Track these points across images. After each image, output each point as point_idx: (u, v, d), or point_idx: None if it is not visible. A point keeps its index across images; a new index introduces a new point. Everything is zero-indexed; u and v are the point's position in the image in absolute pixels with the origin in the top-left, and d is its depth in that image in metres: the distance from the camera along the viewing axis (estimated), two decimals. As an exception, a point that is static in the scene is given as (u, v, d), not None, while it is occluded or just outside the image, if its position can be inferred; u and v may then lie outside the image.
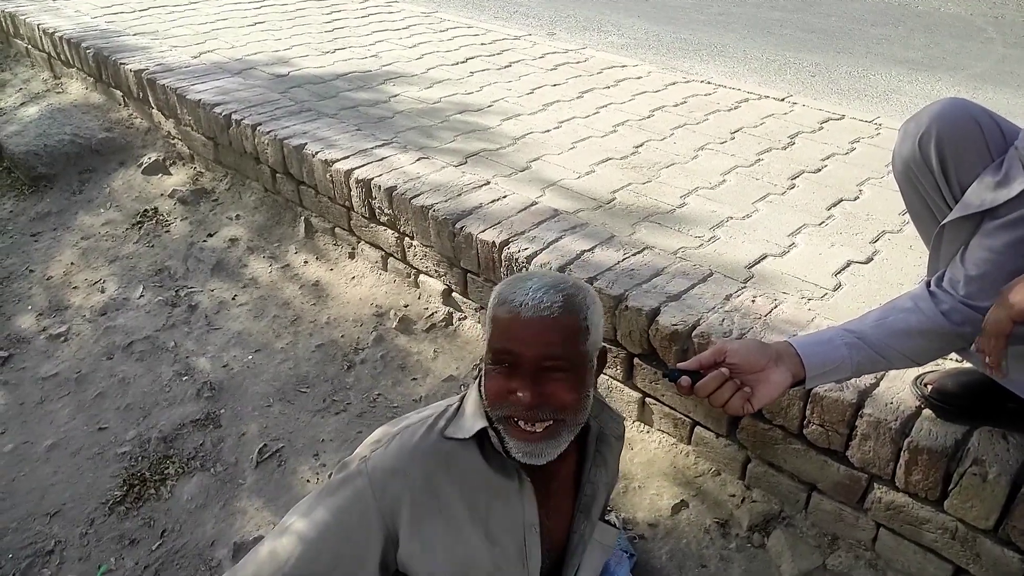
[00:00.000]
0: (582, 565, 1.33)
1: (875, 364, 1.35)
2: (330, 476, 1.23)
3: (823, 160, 2.76)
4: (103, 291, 2.90)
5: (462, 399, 1.26)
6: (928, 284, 1.39)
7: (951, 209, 1.36)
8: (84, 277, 3.01)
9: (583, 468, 1.31)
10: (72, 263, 3.10)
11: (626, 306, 1.94)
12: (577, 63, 3.85)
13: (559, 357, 1.07)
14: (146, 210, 3.27)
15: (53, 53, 4.32)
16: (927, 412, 1.58)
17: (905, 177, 1.44)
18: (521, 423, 1.09)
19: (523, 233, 2.26)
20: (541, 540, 1.24)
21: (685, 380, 1.21)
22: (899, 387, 1.64)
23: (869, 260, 2.14)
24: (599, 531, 1.35)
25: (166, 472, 2.18)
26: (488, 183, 2.57)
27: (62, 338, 2.72)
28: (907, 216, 2.40)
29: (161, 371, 2.51)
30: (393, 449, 1.18)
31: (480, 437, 1.18)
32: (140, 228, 3.19)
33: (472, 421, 1.18)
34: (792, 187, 2.56)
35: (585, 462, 1.31)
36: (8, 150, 3.61)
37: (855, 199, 2.49)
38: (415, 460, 1.16)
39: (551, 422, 1.09)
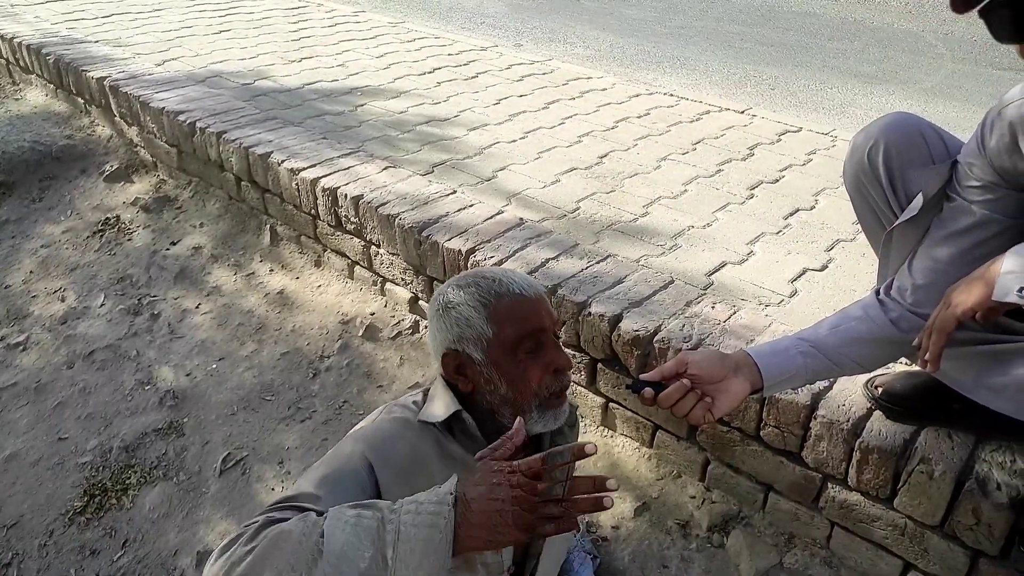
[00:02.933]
0: (543, 552, 1.37)
1: (829, 371, 1.41)
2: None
3: (781, 171, 2.84)
4: (63, 300, 2.86)
5: (425, 392, 1.31)
6: (878, 292, 1.45)
7: (896, 218, 1.42)
8: (44, 286, 2.97)
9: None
10: (31, 271, 3.05)
11: (589, 312, 1.98)
12: (543, 74, 3.91)
13: (560, 323, 1.16)
14: (108, 218, 3.23)
15: (12, 59, 4.25)
16: (877, 414, 1.64)
17: (855, 187, 1.50)
18: (554, 395, 1.19)
19: (489, 241, 2.29)
20: None
21: (648, 392, 1.26)
22: (851, 390, 1.70)
23: (824, 267, 2.21)
24: None
25: (128, 482, 2.16)
26: (454, 192, 2.59)
27: (21, 347, 2.68)
28: (859, 225, 2.50)
29: (123, 380, 2.49)
30: (380, 423, 1.23)
31: (449, 426, 1.22)
32: (101, 236, 3.15)
33: (444, 407, 1.22)
34: (751, 197, 2.63)
35: (541, 450, 1.36)
36: (-35, 158, 3.54)
37: (811, 208, 2.57)
38: (401, 433, 1.20)
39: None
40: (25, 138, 3.60)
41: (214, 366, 2.49)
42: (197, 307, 2.75)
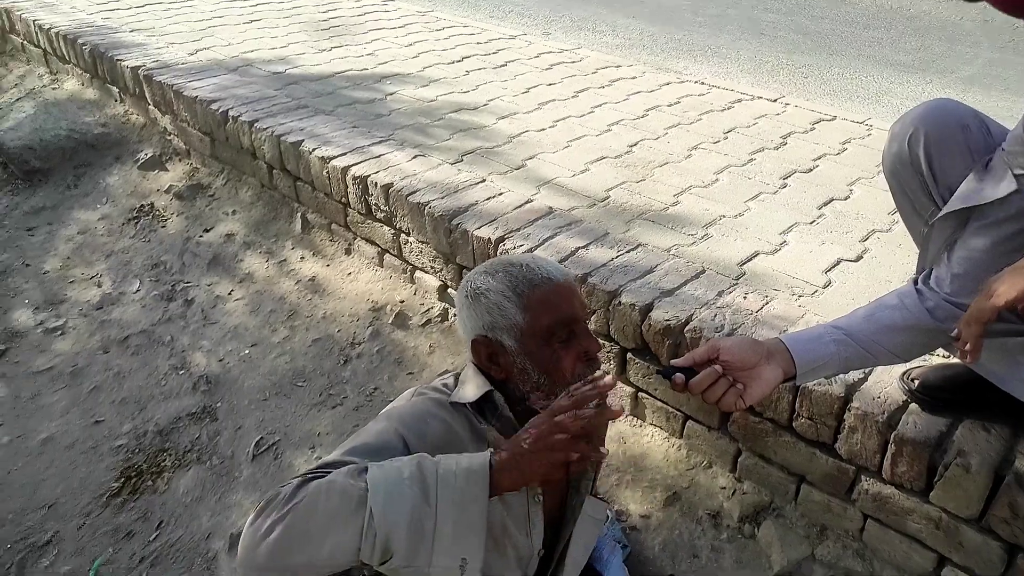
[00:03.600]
0: (573, 537, 1.37)
1: (863, 360, 1.38)
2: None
3: (815, 160, 2.80)
4: (99, 285, 2.92)
5: (456, 375, 1.31)
6: (915, 282, 1.43)
7: (938, 208, 1.40)
8: (80, 272, 3.02)
9: None
10: (68, 257, 3.11)
11: (619, 302, 1.97)
12: (572, 63, 3.88)
13: (589, 310, 1.17)
14: (142, 205, 3.28)
15: (49, 49, 4.32)
16: (913, 406, 1.62)
17: (894, 177, 1.47)
18: None
19: (518, 230, 2.29)
20: (545, 513, 1.28)
21: (679, 377, 1.25)
22: (886, 381, 1.68)
23: (859, 258, 2.18)
24: (589, 505, 1.39)
25: (162, 465, 2.19)
26: (484, 180, 2.59)
27: (58, 332, 2.73)
28: (897, 215, 2.44)
29: (157, 365, 2.53)
30: (415, 403, 1.23)
31: (480, 408, 1.22)
32: (136, 223, 3.20)
33: (475, 389, 1.22)
34: (784, 186, 2.60)
35: None
36: (3, 145, 3.61)
37: (846, 198, 2.53)
38: (435, 413, 1.20)
39: None
40: (61, 126, 3.66)
41: (246, 352, 2.52)
42: (230, 293, 2.78)
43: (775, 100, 3.42)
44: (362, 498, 0.93)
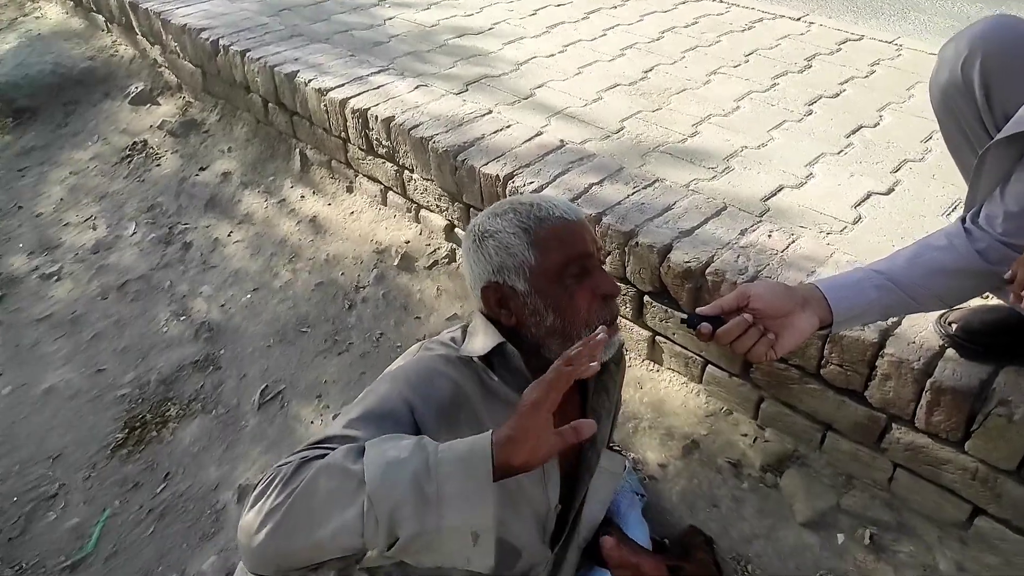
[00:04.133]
0: (590, 491, 1.31)
1: (905, 306, 1.28)
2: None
3: (841, 84, 2.63)
4: (94, 228, 2.82)
5: (464, 327, 1.23)
6: (963, 220, 1.31)
7: (991, 139, 1.26)
8: (74, 214, 2.92)
9: (586, 396, 1.29)
10: (61, 199, 3.01)
11: (636, 242, 1.86)
12: (581, -19, 3.65)
13: (602, 249, 1.09)
14: (135, 143, 3.15)
15: (29, -24, 4.10)
16: (951, 352, 1.52)
17: (943, 106, 1.33)
18: (605, 323, 1.11)
19: (528, 166, 2.16)
20: (561, 468, 1.22)
21: (706, 327, 1.14)
22: (922, 325, 1.58)
23: (890, 191, 2.05)
24: (606, 458, 1.33)
25: (167, 415, 2.14)
26: (490, 112, 2.45)
27: (54, 278, 2.65)
28: (929, 143, 2.31)
29: (157, 312, 2.45)
30: (419, 358, 1.16)
31: (490, 361, 1.15)
32: (129, 162, 3.07)
33: (485, 341, 1.14)
34: (809, 113, 2.44)
35: (587, 389, 1.29)
36: (-13, 81, 3.46)
37: (875, 125, 2.37)
38: (442, 370, 1.12)
39: None
40: (46, 60, 3.49)
41: (248, 297, 2.44)
42: (229, 235, 2.68)
43: (798, 19, 3.21)
44: (361, 480, 0.86)
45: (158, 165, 3.02)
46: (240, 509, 1.89)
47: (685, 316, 1.17)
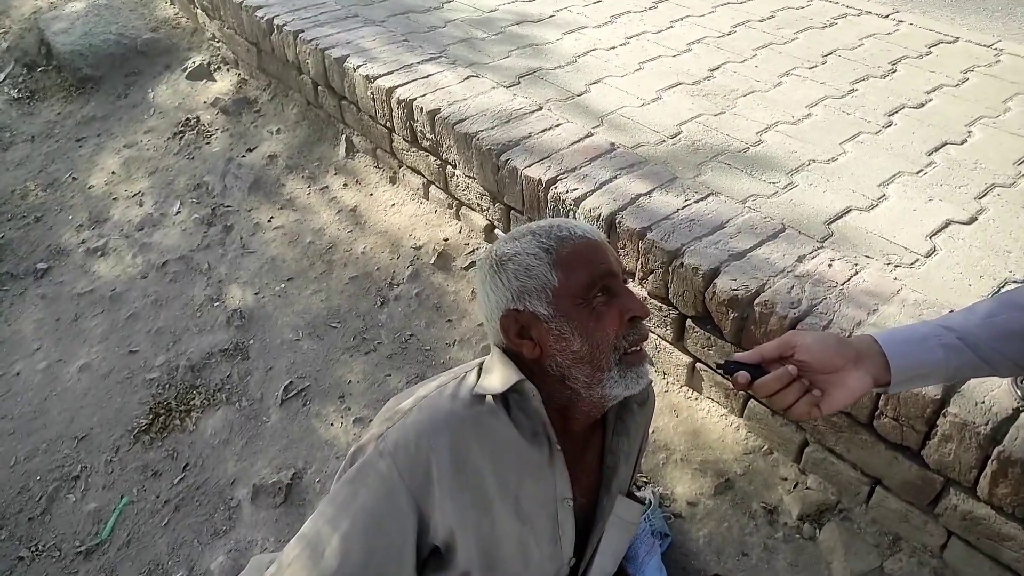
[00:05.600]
0: (601, 543, 1.21)
1: (976, 370, 1.11)
2: (341, 471, 1.09)
3: (928, 93, 2.40)
4: (141, 205, 2.82)
5: (480, 364, 1.13)
6: (1054, 277, 1.13)
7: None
8: (124, 188, 2.93)
9: (606, 439, 1.19)
10: (113, 172, 3.03)
11: (681, 263, 1.72)
12: (654, -33, 3.46)
13: (627, 270, 0.99)
14: (188, 119, 3.14)
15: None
16: (1026, 417, 1.35)
17: None
18: (632, 348, 1.03)
19: (574, 170, 2.03)
20: (575, 517, 1.13)
21: (743, 376, 1.01)
22: (994, 383, 1.41)
23: (972, 220, 1.85)
24: (621, 506, 1.22)
25: (192, 403, 2.12)
26: (540, 109, 2.32)
27: (99, 253, 2.67)
28: (1022, 167, 2.08)
29: (193, 294, 2.44)
30: (413, 420, 1.05)
31: (507, 404, 1.05)
32: (181, 139, 3.07)
33: (503, 378, 1.04)
34: (889, 125, 2.23)
35: (606, 430, 1.18)
36: (55, 49, 3.50)
37: (962, 143, 2.15)
38: (439, 429, 1.03)
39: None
40: (111, 30, 3.52)
41: (282, 286, 2.40)
42: (269, 220, 2.64)
43: (887, 16, 2.96)
44: None
45: (208, 143, 3.01)
46: (253, 508, 1.86)
47: (722, 362, 1.04)
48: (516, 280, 1.03)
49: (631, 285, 1.78)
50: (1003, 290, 1.62)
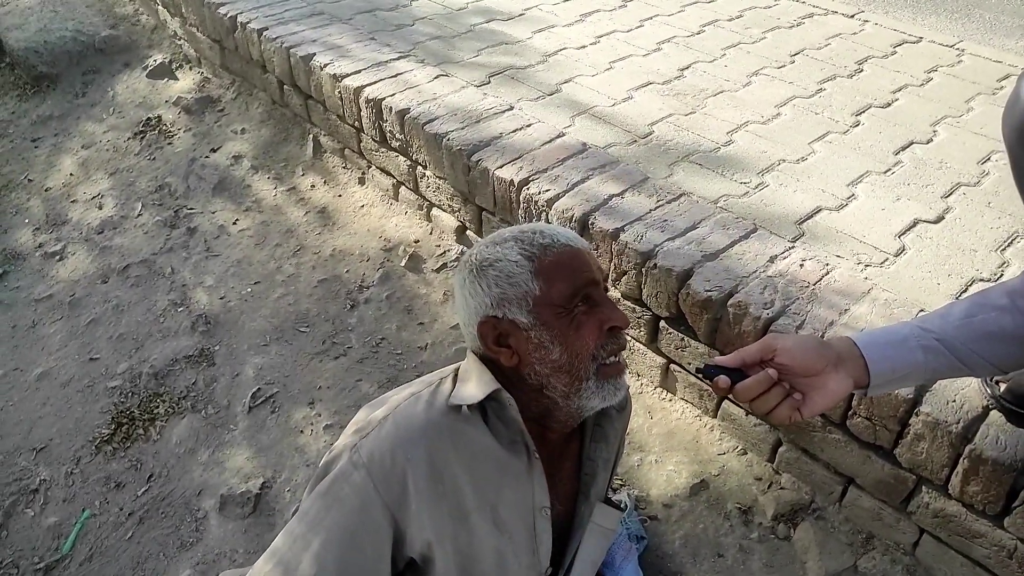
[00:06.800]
0: (579, 551, 1.19)
1: (954, 371, 1.11)
2: (312, 483, 1.06)
3: (894, 92, 2.43)
4: (101, 207, 2.74)
5: (456, 370, 1.10)
6: (1030, 275, 1.14)
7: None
8: (83, 190, 2.85)
9: (584, 446, 1.18)
10: (71, 174, 2.94)
11: (655, 264, 1.71)
12: (622, -35, 3.46)
13: (607, 278, 0.97)
14: (149, 118, 3.06)
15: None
16: (996, 415, 1.37)
17: (1021, 141, 1.15)
18: (611, 358, 1.02)
19: (546, 171, 2.02)
20: (552, 524, 1.11)
21: (723, 380, 1.00)
22: (964, 383, 1.42)
23: (940, 219, 1.87)
24: (599, 513, 1.20)
25: (156, 412, 2.06)
26: (512, 108, 2.30)
27: (57, 257, 2.59)
28: (986, 165, 2.11)
29: (156, 299, 2.37)
30: (388, 430, 1.02)
31: (483, 412, 1.03)
32: (142, 138, 2.99)
33: (479, 387, 1.02)
34: (856, 124, 2.25)
35: (584, 436, 1.17)
36: (8, 45, 3.39)
37: (928, 142, 2.18)
38: (415, 440, 1.00)
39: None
40: (68, 27, 3.41)
41: (249, 290, 2.34)
42: (235, 223, 2.58)
43: (852, 16, 3.00)
44: None
45: (170, 143, 2.93)
46: (221, 519, 1.81)
47: (702, 366, 1.03)
48: (496, 287, 1.00)
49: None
50: (971, 289, 1.64)
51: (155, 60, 3.29)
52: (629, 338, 1.89)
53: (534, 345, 1.00)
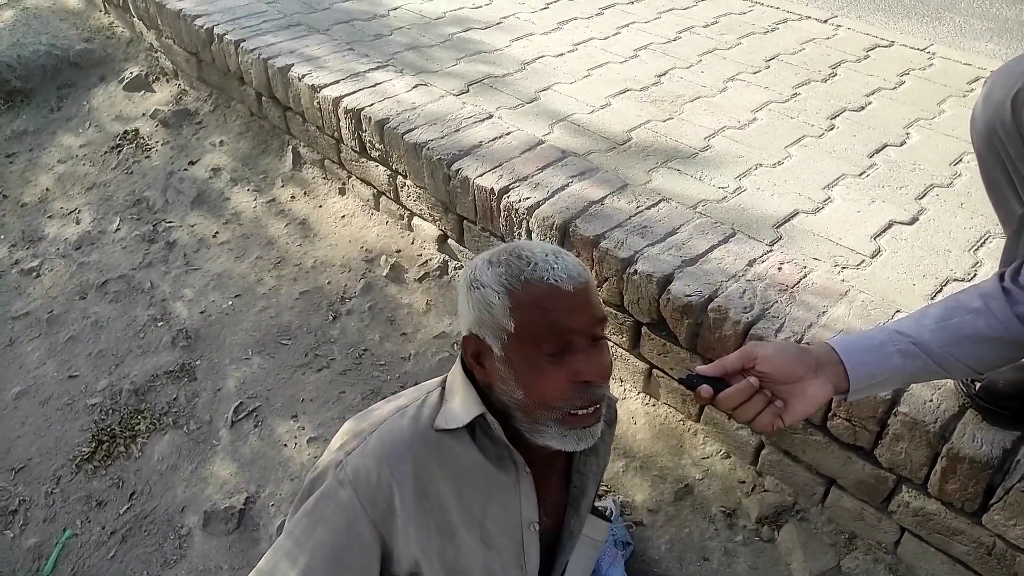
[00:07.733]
0: (569, 564, 1.19)
1: (931, 374, 1.12)
2: (298, 499, 1.05)
3: (867, 96, 2.46)
4: (78, 222, 2.72)
5: (443, 383, 1.09)
6: (1002, 277, 1.16)
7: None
8: (60, 205, 2.82)
9: (573, 458, 1.16)
10: (48, 189, 2.91)
11: (635, 270, 1.72)
12: (598, -27, 3.48)
13: (604, 321, 0.96)
14: (126, 131, 3.04)
15: (30, -50, 3.98)
16: (972, 414, 1.39)
17: (987, 144, 1.18)
18: (581, 410, 0.96)
19: (526, 179, 2.02)
20: (540, 539, 1.11)
21: (705, 389, 1.01)
22: (941, 383, 1.44)
23: (914, 220, 1.90)
24: (588, 525, 1.20)
25: (137, 428, 2.05)
26: (491, 116, 2.31)
27: (34, 273, 2.56)
28: (958, 167, 2.14)
29: (136, 314, 2.35)
30: (373, 446, 1.01)
31: (471, 425, 1.02)
32: (119, 152, 2.96)
33: (465, 408, 1.01)
34: (831, 128, 2.28)
35: (570, 459, 1.16)
36: (-20, 60, 3.35)
37: (901, 144, 2.21)
38: (401, 456, 0.99)
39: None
40: (41, 41, 3.38)
41: (229, 303, 2.33)
42: (214, 236, 2.57)
43: (825, 21, 3.03)
44: None
45: (148, 157, 2.91)
46: (205, 536, 1.80)
47: (683, 376, 1.04)
48: (477, 311, 0.98)
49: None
50: (946, 289, 1.67)
51: (131, 73, 3.27)
52: (612, 344, 1.90)
53: (501, 377, 0.98)
